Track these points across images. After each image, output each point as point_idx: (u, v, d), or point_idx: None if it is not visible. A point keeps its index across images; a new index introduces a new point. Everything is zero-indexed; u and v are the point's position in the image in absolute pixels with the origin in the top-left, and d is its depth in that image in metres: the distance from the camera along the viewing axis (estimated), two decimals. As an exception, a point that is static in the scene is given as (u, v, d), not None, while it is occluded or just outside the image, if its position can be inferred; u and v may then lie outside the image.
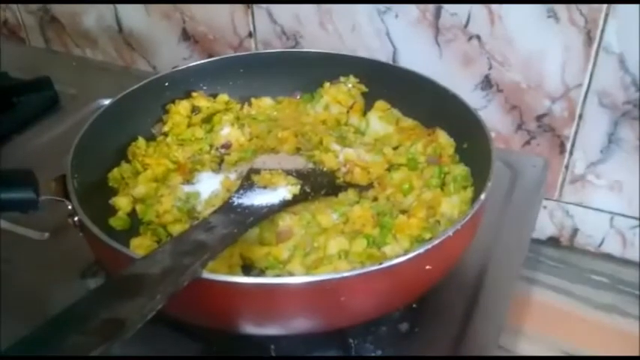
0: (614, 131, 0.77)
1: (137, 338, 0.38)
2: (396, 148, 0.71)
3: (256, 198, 0.60)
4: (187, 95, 0.76)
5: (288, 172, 0.65)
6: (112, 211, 0.64)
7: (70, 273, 0.65)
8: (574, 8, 0.72)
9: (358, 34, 0.87)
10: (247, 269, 0.58)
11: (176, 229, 0.62)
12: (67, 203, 0.55)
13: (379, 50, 0.87)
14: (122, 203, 0.65)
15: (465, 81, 0.83)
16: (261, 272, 0.57)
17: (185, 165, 0.70)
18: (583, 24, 0.73)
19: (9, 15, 1.19)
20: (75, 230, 0.55)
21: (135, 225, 0.64)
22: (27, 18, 1.17)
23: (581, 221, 0.86)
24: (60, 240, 0.68)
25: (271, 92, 0.80)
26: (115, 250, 0.50)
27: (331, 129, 0.75)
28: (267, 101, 0.79)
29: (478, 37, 0.80)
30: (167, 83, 0.76)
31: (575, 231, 0.87)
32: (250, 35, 0.96)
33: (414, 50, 0.85)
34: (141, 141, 0.71)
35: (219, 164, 0.72)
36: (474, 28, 0.79)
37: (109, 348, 0.36)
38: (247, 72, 0.79)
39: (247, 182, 0.63)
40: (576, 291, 0.80)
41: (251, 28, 0.95)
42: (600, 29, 0.72)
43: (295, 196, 0.62)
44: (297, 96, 0.80)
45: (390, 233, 0.59)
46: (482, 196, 0.54)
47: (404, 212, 0.62)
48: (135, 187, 0.66)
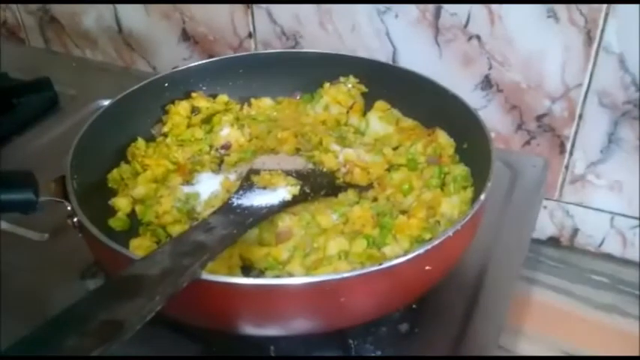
0: (614, 131, 0.77)
1: (136, 339, 0.38)
2: (396, 149, 0.71)
3: (256, 199, 0.60)
4: (187, 96, 0.76)
5: (287, 173, 0.65)
6: (112, 212, 0.64)
7: (70, 274, 0.65)
8: (574, 8, 0.72)
9: (358, 34, 0.87)
10: (247, 270, 0.58)
11: (175, 230, 0.61)
12: (67, 204, 0.55)
13: (379, 50, 0.87)
14: (121, 204, 0.64)
15: (465, 81, 0.83)
16: (260, 273, 0.57)
17: (185, 166, 0.70)
18: (583, 24, 0.73)
19: (8, 15, 1.19)
20: (74, 231, 0.55)
21: (134, 226, 0.63)
22: (26, 18, 1.17)
23: (581, 221, 0.86)
24: (59, 241, 0.69)
25: (271, 93, 0.80)
26: (115, 251, 0.50)
27: (331, 129, 0.75)
28: (266, 102, 0.79)
29: (478, 37, 0.80)
30: (167, 84, 0.75)
31: (575, 231, 0.87)
32: (250, 36, 0.96)
33: (414, 50, 0.85)
34: (140, 142, 0.71)
35: (218, 165, 0.72)
36: (474, 28, 0.79)
37: (108, 349, 0.36)
38: (247, 72, 0.79)
39: (247, 183, 0.63)
40: (576, 291, 0.80)
41: (251, 29, 0.95)
42: (600, 29, 0.72)
43: (295, 197, 0.62)
44: (296, 96, 0.80)
45: (390, 234, 0.59)
46: (482, 197, 0.54)
47: (404, 212, 0.62)
48: (134, 188, 0.66)
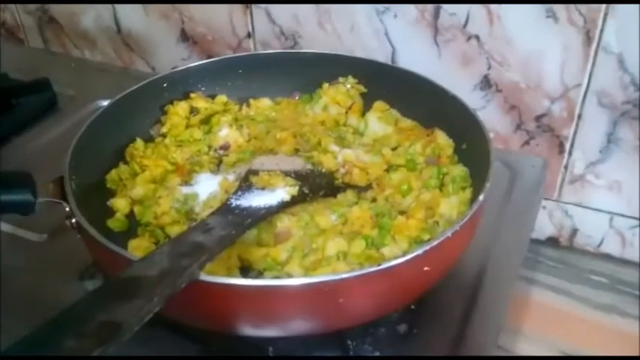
0: (613, 131, 0.77)
1: (135, 340, 0.38)
2: (395, 149, 0.71)
3: (254, 199, 0.60)
4: (186, 96, 0.76)
5: (286, 173, 0.65)
6: (110, 213, 0.64)
7: (68, 275, 0.65)
8: (573, 8, 0.72)
9: (357, 35, 0.87)
10: (245, 271, 0.58)
11: (174, 231, 0.61)
12: (65, 205, 0.55)
13: (378, 50, 0.87)
14: (120, 205, 0.64)
15: (464, 81, 0.83)
16: (259, 274, 0.57)
17: (183, 166, 0.70)
18: (582, 24, 0.73)
19: (7, 16, 1.19)
20: (73, 232, 0.55)
21: (133, 226, 0.63)
22: (25, 19, 1.17)
23: (580, 221, 0.86)
24: (58, 242, 0.69)
25: (270, 93, 0.80)
26: (113, 252, 0.50)
27: (330, 130, 0.75)
28: (265, 102, 0.79)
29: (477, 37, 0.80)
30: (165, 84, 0.75)
31: (574, 231, 0.87)
32: (249, 36, 0.96)
33: (413, 50, 0.85)
34: (139, 142, 0.71)
35: (217, 165, 0.72)
36: (473, 28, 0.79)
37: (107, 350, 0.36)
38: (246, 73, 0.79)
39: (245, 183, 0.63)
40: (575, 291, 0.80)
41: (250, 29, 0.95)
42: (599, 29, 0.72)
43: (294, 197, 0.62)
44: (295, 97, 0.80)
45: (389, 234, 0.59)
46: (480, 197, 0.54)
47: (402, 213, 0.62)
48: (133, 189, 0.66)
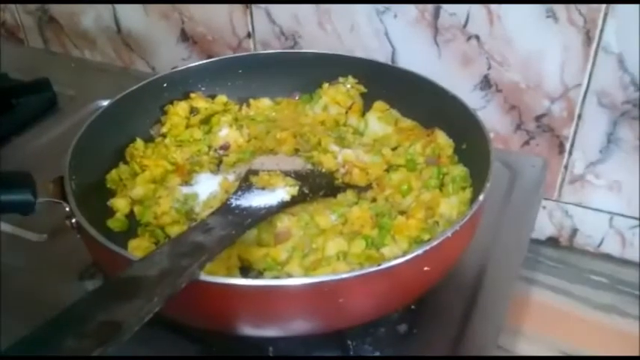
0: (613, 131, 0.77)
1: (135, 340, 0.38)
2: (395, 149, 0.71)
3: (254, 199, 0.60)
4: (186, 96, 0.76)
5: (286, 173, 0.65)
6: (110, 213, 0.64)
7: (68, 274, 0.65)
8: (573, 8, 0.72)
9: (357, 35, 0.87)
10: (245, 271, 0.58)
11: (174, 231, 0.61)
12: (65, 205, 0.55)
13: (378, 50, 0.87)
14: (120, 205, 0.64)
15: (464, 81, 0.83)
16: (259, 274, 0.57)
17: (183, 166, 0.70)
18: (582, 24, 0.73)
19: (7, 16, 1.19)
20: (73, 232, 0.55)
21: (133, 226, 0.63)
22: (25, 19, 1.17)
23: (580, 221, 0.85)
24: (58, 242, 0.69)
25: (270, 93, 0.80)
26: (113, 252, 0.50)
27: (330, 130, 0.75)
28: (265, 102, 0.79)
29: (477, 37, 0.80)
30: (165, 84, 0.75)
31: (574, 231, 0.87)
32: (249, 36, 0.96)
33: (413, 50, 0.85)
34: (139, 142, 0.71)
35: (217, 165, 0.72)
36: (473, 28, 0.79)
37: (107, 350, 0.36)
38: (246, 73, 0.79)
39: (245, 183, 0.63)
40: (575, 291, 0.80)
41: (250, 29, 0.95)
42: (599, 29, 0.72)
43: (294, 197, 0.62)
44: (295, 97, 0.80)
45: (389, 234, 0.59)
46: (480, 197, 0.54)
47: (402, 213, 0.62)
48: (133, 189, 0.66)
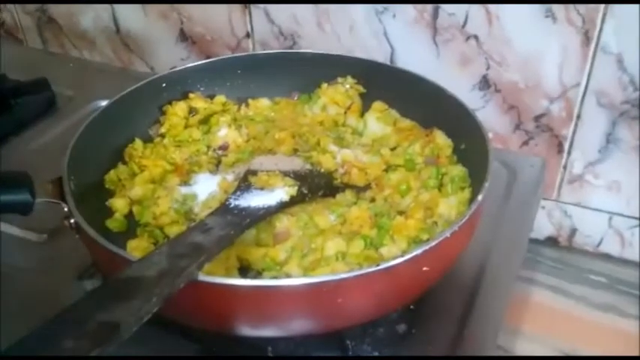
0: (612, 131, 0.77)
1: (134, 340, 0.38)
2: (394, 149, 0.71)
3: (253, 199, 0.60)
4: (184, 96, 0.76)
5: (285, 174, 0.65)
6: (109, 213, 0.64)
7: (68, 275, 0.65)
8: (572, 8, 0.72)
9: (356, 35, 0.87)
10: (244, 271, 0.58)
11: (173, 231, 0.61)
12: (63, 205, 0.55)
13: (377, 50, 0.87)
14: (119, 205, 0.64)
15: (463, 81, 0.83)
16: (258, 274, 0.57)
17: (182, 166, 0.70)
18: (581, 24, 0.73)
19: (6, 16, 1.19)
20: (72, 232, 0.55)
21: (132, 227, 0.63)
22: (24, 19, 1.17)
23: (579, 221, 0.86)
24: (57, 242, 0.69)
25: (269, 93, 0.80)
26: (112, 253, 0.49)
27: (329, 130, 0.75)
28: (264, 102, 0.79)
29: (476, 37, 0.80)
30: (164, 84, 0.75)
31: (573, 231, 0.87)
32: (248, 36, 0.96)
33: (412, 50, 0.85)
34: (138, 142, 0.71)
35: (216, 165, 0.72)
36: (472, 28, 0.79)
37: (105, 350, 0.36)
38: (245, 73, 0.79)
39: (244, 184, 0.62)
40: (575, 291, 0.80)
41: (248, 29, 0.95)
42: (598, 29, 0.72)
43: (292, 198, 0.62)
44: (294, 97, 0.80)
45: (388, 234, 0.59)
46: (479, 197, 0.54)
47: (401, 213, 0.62)
48: (132, 189, 0.66)
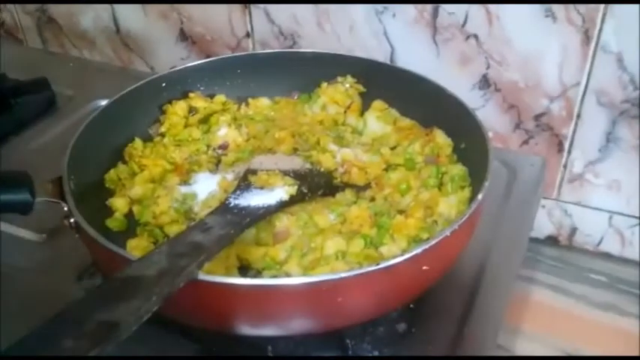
0: (612, 130, 0.77)
1: (134, 339, 0.38)
2: (394, 148, 0.71)
3: (253, 199, 0.60)
4: (184, 96, 0.76)
5: (285, 173, 0.65)
6: (109, 213, 0.64)
7: (67, 274, 0.65)
8: (572, 7, 0.72)
9: (356, 34, 0.87)
10: (244, 270, 0.58)
11: (173, 230, 0.61)
12: (63, 205, 0.55)
13: (377, 50, 0.87)
14: (119, 204, 0.64)
15: (463, 80, 0.83)
16: (257, 273, 0.57)
17: (182, 166, 0.70)
18: (581, 23, 0.73)
19: (6, 16, 1.19)
20: (72, 232, 0.55)
21: (132, 226, 0.63)
22: (24, 19, 1.17)
23: (579, 220, 0.85)
24: (57, 241, 0.69)
25: (268, 92, 0.80)
26: (111, 252, 0.49)
27: (328, 129, 0.75)
28: (264, 101, 0.79)
29: (476, 37, 0.80)
30: (164, 84, 0.75)
31: (573, 230, 0.86)
32: (248, 35, 0.96)
33: (412, 50, 0.85)
34: (138, 142, 0.71)
35: (216, 165, 0.72)
36: (472, 28, 0.79)
37: (105, 349, 0.36)
38: (245, 72, 0.79)
39: (244, 183, 0.62)
40: (575, 290, 0.80)
41: (248, 29, 0.95)
42: (598, 28, 0.72)
43: (292, 197, 0.62)
44: (294, 96, 0.80)
45: (388, 233, 0.59)
46: (479, 196, 0.54)
47: (401, 212, 0.62)
48: (132, 188, 0.66)
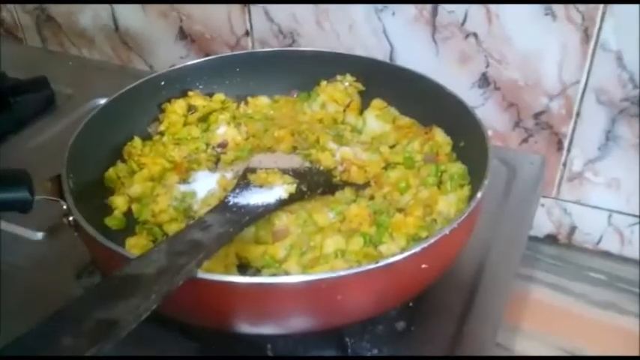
0: (611, 128, 0.77)
1: (133, 338, 0.38)
2: (393, 147, 0.71)
3: (252, 197, 0.60)
4: (183, 94, 0.76)
5: (284, 171, 0.64)
6: (108, 211, 0.64)
7: (66, 272, 0.65)
8: (571, 6, 0.72)
9: (355, 33, 0.87)
10: (243, 268, 0.58)
11: (172, 229, 0.61)
12: (62, 203, 0.55)
13: (376, 48, 0.87)
14: (118, 203, 0.64)
15: (462, 79, 0.83)
16: (257, 271, 0.57)
17: (181, 164, 0.70)
18: (580, 21, 0.73)
19: (5, 15, 1.19)
20: (71, 230, 0.55)
21: (131, 224, 0.63)
22: (23, 17, 1.17)
23: (579, 219, 0.85)
24: (56, 240, 0.69)
25: (268, 91, 0.80)
26: (110, 250, 0.49)
27: (328, 128, 0.75)
28: (263, 100, 0.79)
29: (475, 35, 0.79)
30: (163, 82, 0.75)
31: (573, 229, 0.86)
32: (247, 34, 0.96)
33: (411, 48, 0.85)
34: (137, 140, 0.71)
35: (215, 163, 0.72)
36: (471, 26, 0.79)
37: (103, 348, 0.36)
38: (244, 71, 0.79)
39: (243, 181, 0.62)
40: (574, 289, 0.80)
41: (248, 27, 0.95)
42: (597, 27, 0.72)
43: (291, 195, 0.62)
44: (293, 95, 0.79)
45: (387, 232, 0.59)
46: (478, 195, 0.54)
47: (400, 211, 0.62)
48: (131, 187, 0.66)
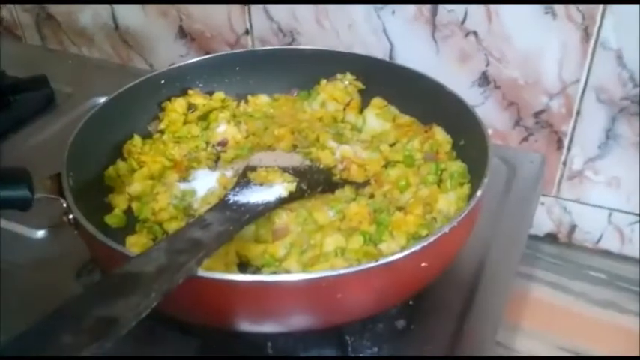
0: (611, 127, 0.77)
1: (132, 336, 0.38)
2: (393, 145, 0.71)
3: (252, 195, 0.60)
4: (183, 93, 0.76)
5: (284, 170, 0.64)
6: (108, 209, 0.64)
7: (66, 271, 0.65)
8: (571, 5, 0.72)
9: (355, 31, 0.87)
10: (243, 267, 0.58)
11: (172, 227, 0.61)
12: (62, 201, 0.55)
13: (376, 47, 0.87)
14: (118, 201, 0.64)
15: (462, 77, 0.83)
16: (257, 270, 0.57)
17: (181, 163, 0.70)
18: (580, 20, 0.73)
19: (5, 13, 1.19)
20: (71, 228, 0.55)
21: (131, 223, 0.63)
22: (23, 16, 1.17)
23: (579, 217, 0.85)
24: (56, 238, 0.69)
25: (268, 89, 0.80)
26: (110, 248, 0.49)
27: (328, 126, 0.75)
28: (263, 98, 0.79)
29: (475, 34, 0.79)
30: (163, 81, 0.75)
31: (573, 227, 0.86)
32: (247, 33, 0.96)
33: (411, 47, 0.85)
34: (137, 139, 0.71)
35: (215, 162, 0.72)
36: (471, 25, 0.79)
37: (103, 345, 0.36)
38: (244, 69, 0.79)
39: (243, 180, 0.62)
40: (574, 287, 0.80)
41: (248, 26, 0.95)
42: (597, 25, 0.72)
43: (291, 194, 0.62)
44: (293, 93, 0.80)
45: (387, 230, 0.59)
46: (478, 193, 0.54)
47: (400, 209, 0.62)
48: (131, 185, 0.66)
